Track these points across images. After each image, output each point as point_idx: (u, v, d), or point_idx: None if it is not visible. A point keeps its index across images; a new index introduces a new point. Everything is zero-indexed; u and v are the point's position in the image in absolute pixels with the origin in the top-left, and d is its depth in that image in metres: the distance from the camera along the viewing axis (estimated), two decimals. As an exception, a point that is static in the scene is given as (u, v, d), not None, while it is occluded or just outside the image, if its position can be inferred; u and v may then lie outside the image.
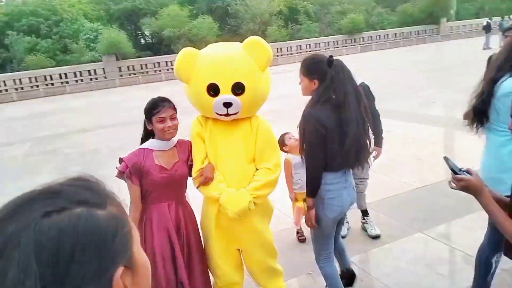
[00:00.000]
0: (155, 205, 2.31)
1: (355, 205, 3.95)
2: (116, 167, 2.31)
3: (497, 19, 24.33)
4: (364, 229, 3.78)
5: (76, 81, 22.39)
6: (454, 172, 1.59)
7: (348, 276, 2.96)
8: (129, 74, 23.75)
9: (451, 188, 1.61)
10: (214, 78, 2.28)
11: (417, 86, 11.56)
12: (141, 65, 24.05)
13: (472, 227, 3.48)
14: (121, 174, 2.29)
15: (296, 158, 3.44)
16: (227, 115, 2.34)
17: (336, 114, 2.28)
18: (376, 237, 3.65)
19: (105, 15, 30.07)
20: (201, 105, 2.44)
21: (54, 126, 11.79)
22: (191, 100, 2.48)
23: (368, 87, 3.46)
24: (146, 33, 31.57)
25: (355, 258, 3.36)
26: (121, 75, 23.43)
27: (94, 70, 22.93)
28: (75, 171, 0.71)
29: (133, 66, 23.89)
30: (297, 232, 3.82)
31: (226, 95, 2.28)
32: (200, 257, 2.47)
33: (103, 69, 23.05)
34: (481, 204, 1.54)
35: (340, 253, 2.88)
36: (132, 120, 11.45)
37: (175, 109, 2.34)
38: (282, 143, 3.51)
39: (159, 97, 2.35)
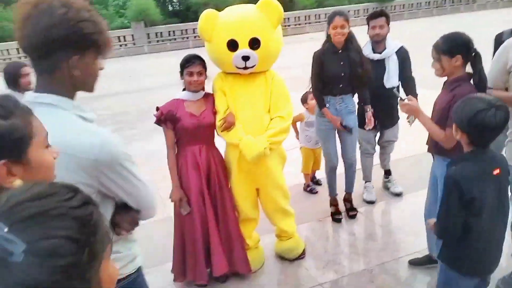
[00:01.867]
0: (189, 147, 2.67)
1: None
2: (153, 115, 2.66)
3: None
4: (387, 188, 4.02)
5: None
6: (401, 99, 2.39)
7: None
8: (157, 41, 24.03)
9: (402, 111, 2.45)
10: (233, 35, 2.55)
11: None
12: (169, 32, 24.24)
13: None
14: (158, 121, 2.65)
15: (311, 117, 3.74)
16: (245, 68, 2.61)
17: None
18: (399, 194, 3.89)
19: (133, -19, 30.21)
20: (222, 61, 2.71)
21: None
22: (212, 57, 2.75)
23: (407, 51, 3.57)
24: (174, 0, 31.61)
25: (363, 209, 3.66)
26: (149, 42, 23.76)
27: (124, 37, 23.29)
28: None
29: (161, 33, 24.11)
30: (308, 186, 4.17)
31: (244, 49, 2.55)
32: (230, 194, 2.82)
33: (132, 35, 23.41)
34: (419, 120, 2.31)
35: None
36: (158, 86, 11.90)
37: (204, 67, 2.65)
38: (304, 100, 3.86)
39: (193, 54, 2.68)
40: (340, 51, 3.21)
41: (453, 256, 1.91)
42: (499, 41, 3.05)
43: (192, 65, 2.59)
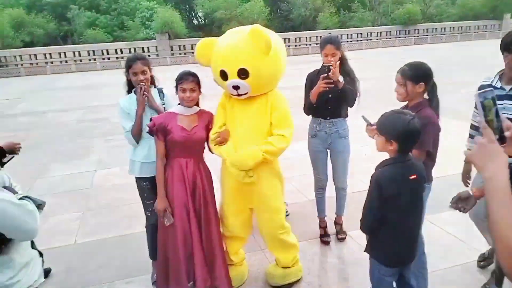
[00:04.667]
0: (176, 160, 2.75)
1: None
2: (146, 125, 2.78)
3: None
4: None
5: (131, 57, 23.48)
6: (370, 125, 2.37)
7: None
8: (180, 54, 24.53)
9: (369, 136, 2.40)
10: (223, 65, 2.61)
11: (461, 83, 11.28)
12: (191, 45, 24.70)
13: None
14: (150, 131, 2.75)
15: None
16: (238, 95, 2.67)
17: None
18: None
19: (161, -6, 31.04)
20: (221, 86, 2.79)
21: (108, 97, 12.63)
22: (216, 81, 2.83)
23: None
24: (199, 14, 32.28)
25: (353, 233, 3.65)
26: (172, 54, 24.28)
27: (148, 48, 23.91)
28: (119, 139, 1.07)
29: (184, 45, 24.63)
30: None
31: (233, 79, 2.58)
32: (214, 209, 2.87)
33: (156, 47, 23.99)
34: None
35: None
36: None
37: (198, 83, 2.74)
38: None
39: (187, 70, 2.76)
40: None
41: (373, 248, 2.23)
42: None
43: (185, 81, 2.69)
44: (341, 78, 3.07)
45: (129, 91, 3.04)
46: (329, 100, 3.26)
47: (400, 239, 2.13)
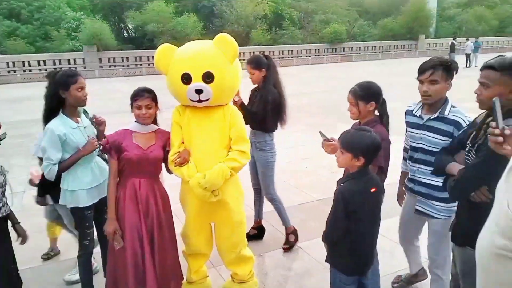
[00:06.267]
0: (129, 179, 2.61)
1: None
2: (99, 143, 2.63)
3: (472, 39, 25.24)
4: None
5: (55, 69, 22.05)
6: (327, 140, 2.51)
7: None
8: (110, 66, 23.68)
9: (325, 151, 2.54)
10: (187, 68, 2.56)
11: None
12: (122, 57, 24.01)
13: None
14: (103, 149, 2.60)
15: None
16: (199, 101, 2.59)
17: None
18: None
19: (88, 4, 29.86)
20: (177, 93, 2.68)
21: (31, 111, 11.76)
22: (170, 89, 2.73)
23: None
24: (130, 26, 31.47)
25: (303, 244, 3.72)
26: (101, 66, 23.35)
27: (74, 60, 22.80)
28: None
29: (114, 58, 23.84)
30: None
31: (197, 82, 2.54)
32: (170, 231, 2.75)
33: (83, 59, 22.96)
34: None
35: None
36: (108, 111, 11.61)
37: (154, 100, 2.63)
38: None
39: (143, 87, 2.65)
40: (257, 90, 3.58)
41: (335, 257, 2.29)
42: None
43: (140, 98, 2.58)
44: (236, 98, 3.26)
45: (55, 112, 2.74)
46: (251, 114, 3.44)
47: (361, 249, 2.22)
